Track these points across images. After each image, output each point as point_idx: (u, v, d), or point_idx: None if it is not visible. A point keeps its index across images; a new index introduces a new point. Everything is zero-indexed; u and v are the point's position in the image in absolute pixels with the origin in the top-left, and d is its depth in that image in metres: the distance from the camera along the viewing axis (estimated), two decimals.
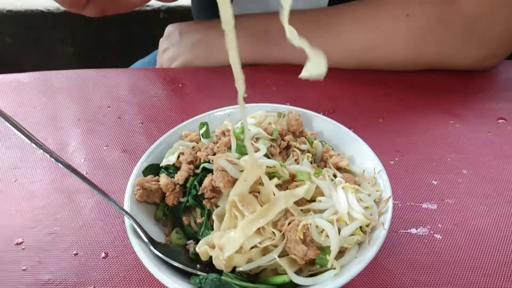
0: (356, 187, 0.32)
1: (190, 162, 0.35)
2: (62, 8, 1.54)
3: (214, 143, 0.36)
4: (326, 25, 0.53)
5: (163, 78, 0.57)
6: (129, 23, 1.54)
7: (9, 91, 0.57)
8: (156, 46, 0.92)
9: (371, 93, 0.53)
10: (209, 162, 0.34)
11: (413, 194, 0.41)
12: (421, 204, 0.40)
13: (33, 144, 0.33)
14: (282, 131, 0.37)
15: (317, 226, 0.29)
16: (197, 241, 0.33)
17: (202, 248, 0.30)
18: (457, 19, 0.50)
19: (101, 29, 1.56)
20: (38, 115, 0.52)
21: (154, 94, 0.55)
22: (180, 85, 0.56)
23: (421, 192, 0.41)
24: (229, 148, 0.34)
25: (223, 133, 0.36)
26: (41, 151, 0.33)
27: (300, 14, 0.55)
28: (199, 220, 0.34)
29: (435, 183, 0.42)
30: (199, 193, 0.33)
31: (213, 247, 0.30)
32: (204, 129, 0.38)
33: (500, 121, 0.49)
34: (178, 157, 0.36)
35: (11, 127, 0.34)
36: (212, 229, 0.32)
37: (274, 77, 0.57)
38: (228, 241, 0.29)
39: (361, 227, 0.30)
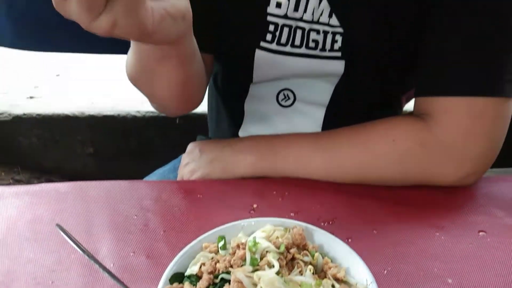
0: None
1: (210, 273, 0.41)
2: (86, 113, 1.69)
3: (230, 254, 0.43)
4: (324, 148, 0.63)
5: (184, 190, 0.65)
6: (147, 128, 1.67)
7: (49, 199, 0.65)
8: (172, 151, 1.02)
9: (366, 206, 0.60)
10: (227, 273, 0.40)
11: None
12: None
13: (85, 256, 0.40)
14: (288, 244, 0.44)
15: None
16: None
17: None
18: (435, 144, 0.59)
19: (120, 133, 1.69)
20: (74, 222, 0.60)
21: (176, 204, 0.62)
22: (199, 196, 0.64)
23: None
24: (244, 260, 0.41)
25: (238, 246, 0.43)
26: (86, 257, 0.40)
27: (301, 138, 0.65)
28: None
29: None
30: None
31: None
32: (222, 242, 0.44)
33: (480, 233, 0.56)
34: (200, 267, 0.43)
35: (65, 237, 0.41)
36: None
37: (280, 189, 0.64)
38: None
39: None
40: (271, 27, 0.66)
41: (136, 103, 1.67)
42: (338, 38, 0.66)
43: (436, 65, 0.60)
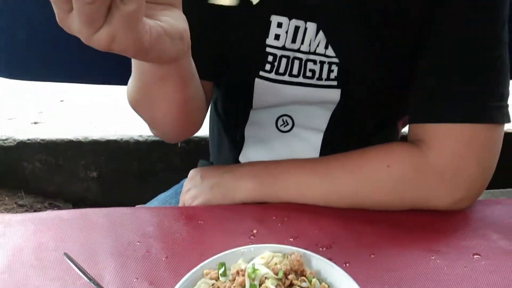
0: None
1: None
2: (89, 137, 1.72)
3: (230, 281, 0.44)
4: (321, 173, 0.65)
5: (185, 216, 0.67)
6: (149, 152, 1.69)
7: (52, 226, 0.66)
8: (174, 174, 1.04)
9: (363, 231, 0.62)
10: None
11: None
12: None
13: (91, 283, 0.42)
14: (286, 270, 0.46)
15: None
16: None
17: None
18: (428, 169, 0.61)
19: (123, 157, 1.71)
20: (78, 249, 0.61)
21: (178, 230, 0.64)
22: (200, 222, 0.65)
23: None
24: (244, 287, 0.42)
25: (238, 273, 0.45)
26: (92, 284, 0.42)
27: (300, 164, 0.67)
28: None
29: None
30: None
31: None
32: (222, 269, 0.46)
33: (475, 256, 0.57)
34: None
35: (72, 265, 0.43)
36: None
37: (280, 215, 0.66)
38: None
39: None
40: (270, 58, 0.68)
41: (139, 127, 1.70)
42: (334, 68, 0.68)
43: (428, 93, 0.62)
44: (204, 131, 0.81)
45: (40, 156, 1.72)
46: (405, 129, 0.83)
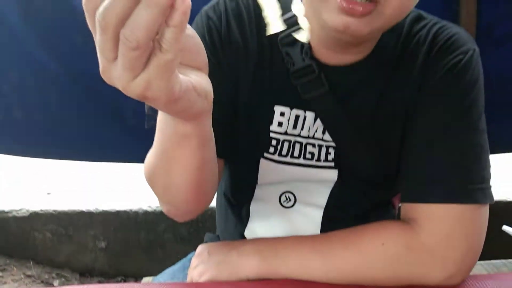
0: None
1: None
2: (100, 208, 1.77)
3: None
4: (321, 251, 0.69)
5: None
6: (157, 223, 1.74)
7: None
8: (182, 246, 1.08)
9: None
10: None
11: None
12: None
13: None
14: None
15: None
16: None
17: None
18: (420, 247, 0.65)
19: (131, 228, 1.75)
20: None
21: None
22: None
23: None
24: None
25: None
26: None
27: (300, 241, 0.72)
28: None
29: None
30: None
31: None
32: None
33: None
34: None
35: None
36: None
37: None
38: None
39: None
40: (274, 142, 0.76)
41: (148, 198, 1.76)
42: (331, 150, 0.76)
43: (416, 176, 0.69)
44: (211, 204, 0.84)
45: (51, 227, 1.76)
46: None
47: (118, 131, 1.37)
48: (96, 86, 1.25)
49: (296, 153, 0.76)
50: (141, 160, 0.71)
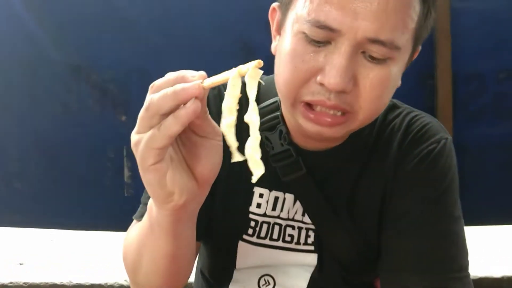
0: None
1: None
2: (74, 281, 1.69)
3: None
4: None
5: None
6: None
7: None
8: None
9: None
10: None
11: None
12: None
13: None
14: None
15: None
16: None
17: None
18: None
19: None
20: None
21: None
22: None
23: None
24: None
25: None
26: None
27: None
28: None
29: None
30: None
31: None
32: None
33: None
34: None
35: None
36: None
37: None
38: None
39: None
40: (252, 223, 0.75)
41: (123, 272, 1.69)
42: (311, 233, 0.75)
43: (393, 265, 0.68)
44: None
45: None
46: None
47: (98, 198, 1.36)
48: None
49: (275, 235, 0.76)
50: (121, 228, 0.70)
